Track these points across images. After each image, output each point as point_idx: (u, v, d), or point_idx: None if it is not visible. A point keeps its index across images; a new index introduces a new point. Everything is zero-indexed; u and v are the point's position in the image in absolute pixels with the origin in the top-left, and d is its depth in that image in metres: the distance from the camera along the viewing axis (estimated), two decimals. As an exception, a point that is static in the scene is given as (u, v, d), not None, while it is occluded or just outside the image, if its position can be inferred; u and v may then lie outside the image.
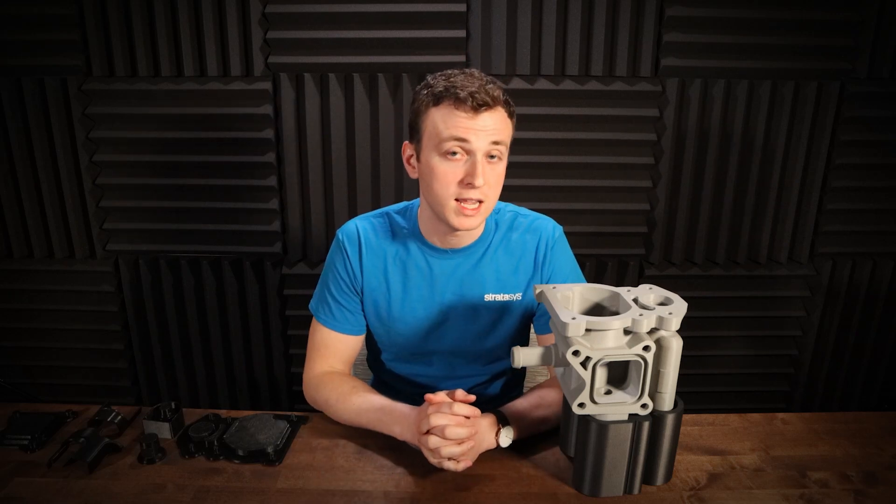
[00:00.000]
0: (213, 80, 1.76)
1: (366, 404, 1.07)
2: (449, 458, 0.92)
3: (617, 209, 1.86)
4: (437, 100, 0.99)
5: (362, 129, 1.79)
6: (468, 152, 0.99)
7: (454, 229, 1.04)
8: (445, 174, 1.00)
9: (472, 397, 0.96)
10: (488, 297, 1.14)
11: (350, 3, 1.68)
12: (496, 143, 0.99)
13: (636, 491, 0.93)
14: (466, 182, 0.98)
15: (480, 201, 1.01)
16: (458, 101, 0.97)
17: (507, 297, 1.15)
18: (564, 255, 1.18)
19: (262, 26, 1.73)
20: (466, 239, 1.12)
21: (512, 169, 1.79)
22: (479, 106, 0.96)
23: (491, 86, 0.99)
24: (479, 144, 0.98)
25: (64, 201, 1.86)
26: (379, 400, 1.07)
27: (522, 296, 1.16)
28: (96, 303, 1.96)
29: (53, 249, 1.91)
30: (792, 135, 1.80)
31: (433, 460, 0.93)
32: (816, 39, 1.72)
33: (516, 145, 1.76)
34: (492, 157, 1.01)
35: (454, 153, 0.99)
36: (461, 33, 1.71)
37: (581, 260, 1.92)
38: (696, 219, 1.88)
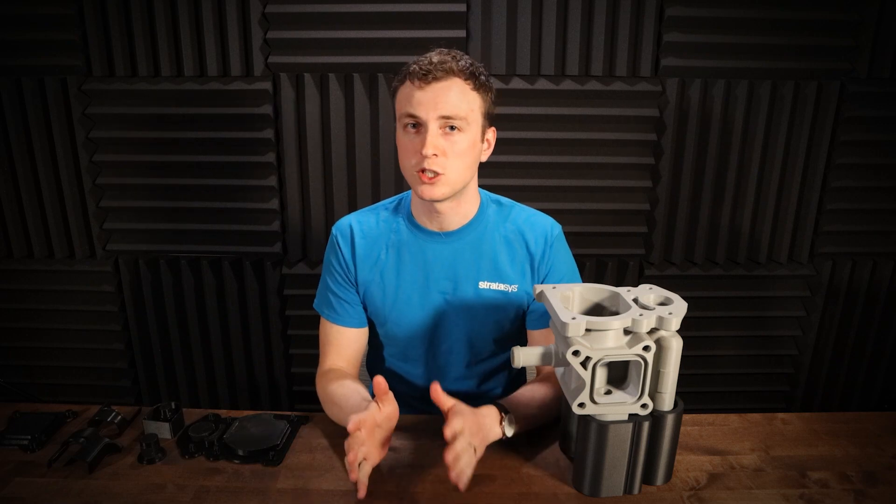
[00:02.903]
0: (213, 80, 1.76)
1: (341, 404, 1.06)
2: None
3: (617, 209, 1.86)
4: (403, 80, 1.05)
5: (362, 129, 1.79)
6: (420, 124, 1.03)
7: (423, 199, 1.06)
8: (405, 146, 1.05)
9: (451, 403, 0.93)
10: (483, 285, 1.15)
11: (350, 3, 1.68)
12: (446, 116, 1.01)
13: (636, 491, 0.93)
14: (418, 151, 1.02)
15: (438, 173, 1.02)
16: (412, 76, 1.02)
17: (502, 286, 1.15)
18: (563, 253, 1.19)
19: (262, 26, 1.73)
20: (456, 220, 1.13)
21: (512, 169, 1.81)
22: (425, 76, 1.00)
23: (449, 59, 1.02)
24: (427, 116, 1.01)
25: (64, 201, 1.86)
26: (353, 403, 1.05)
27: (518, 288, 1.16)
28: (96, 303, 1.96)
29: (53, 249, 1.91)
30: (792, 135, 1.80)
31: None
32: (816, 39, 1.72)
33: (517, 145, 1.78)
34: (451, 128, 1.03)
35: (413, 126, 1.04)
36: (461, 33, 1.71)
37: (581, 260, 1.92)
38: (696, 219, 1.88)
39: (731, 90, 1.76)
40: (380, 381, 0.92)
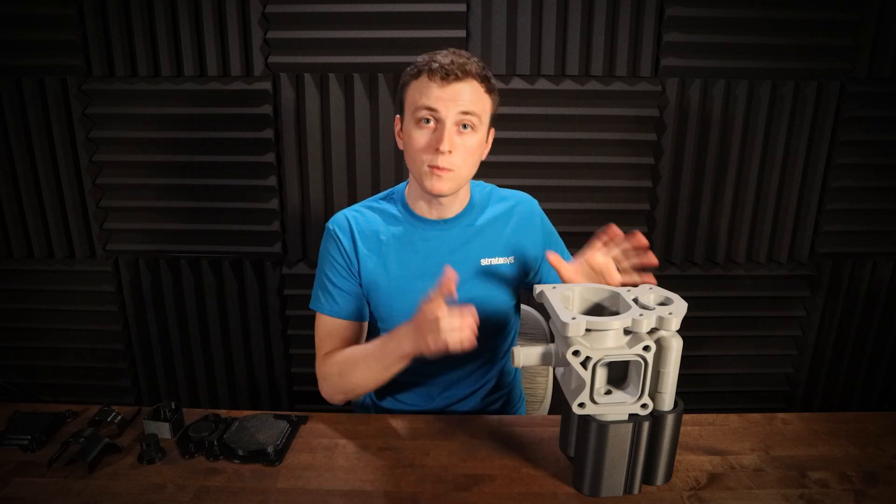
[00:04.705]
0: (213, 80, 1.76)
1: (366, 351, 1.10)
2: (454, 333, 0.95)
3: (617, 209, 1.86)
4: (417, 74, 1.07)
5: (362, 129, 1.79)
6: (438, 121, 1.05)
7: (430, 194, 1.09)
8: (418, 140, 1.07)
9: None
10: (484, 262, 1.19)
11: (350, 3, 1.68)
12: (466, 112, 1.05)
13: (636, 491, 0.93)
14: (434, 147, 1.04)
15: (450, 169, 1.06)
16: (431, 73, 1.04)
17: (501, 260, 1.20)
18: (547, 220, 1.27)
19: (262, 26, 1.73)
20: (453, 208, 1.17)
21: (512, 169, 1.81)
22: (447, 75, 1.03)
23: (465, 61, 1.05)
24: (448, 113, 1.04)
25: (64, 201, 1.86)
26: (374, 342, 1.10)
27: (515, 259, 1.20)
28: (96, 303, 1.96)
29: (53, 249, 1.91)
30: (792, 135, 1.80)
31: (444, 342, 0.96)
32: (816, 39, 1.72)
33: (517, 145, 1.79)
34: (464, 127, 1.06)
35: (427, 121, 1.06)
36: (461, 33, 1.71)
37: (581, 260, 1.91)
38: (696, 219, 1.88)
39: (731, 90, 1.76)
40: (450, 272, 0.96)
